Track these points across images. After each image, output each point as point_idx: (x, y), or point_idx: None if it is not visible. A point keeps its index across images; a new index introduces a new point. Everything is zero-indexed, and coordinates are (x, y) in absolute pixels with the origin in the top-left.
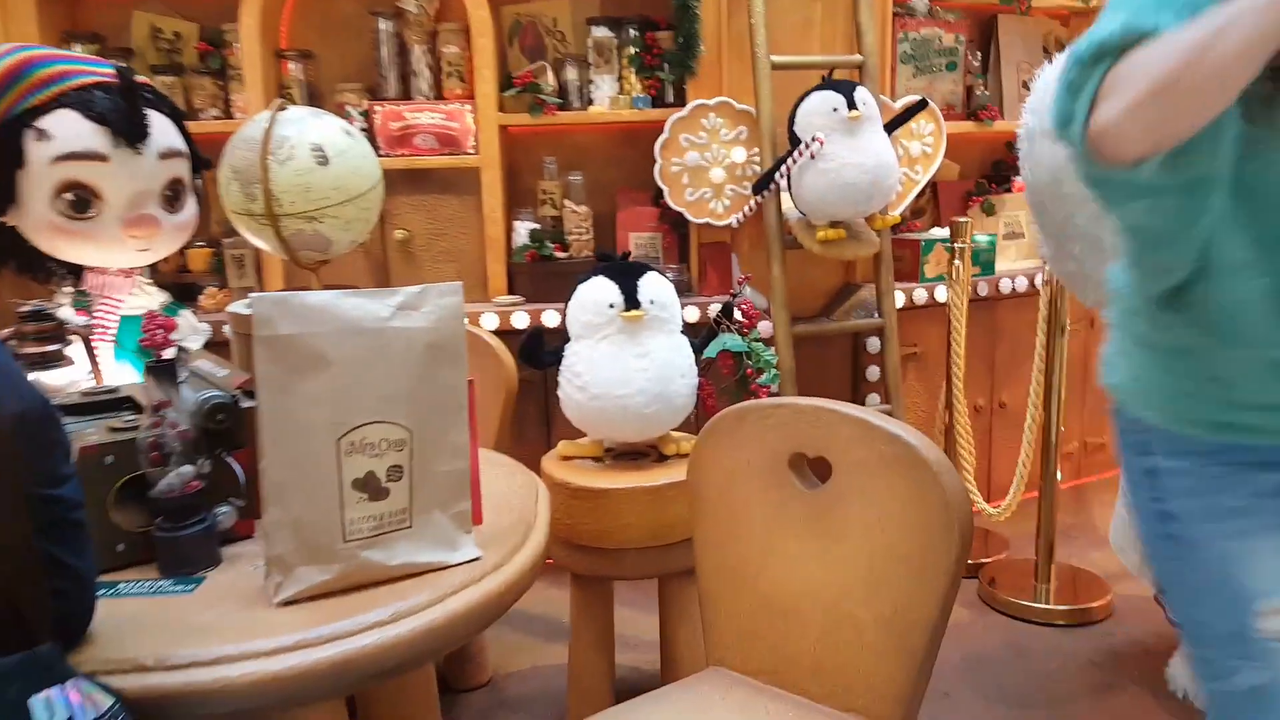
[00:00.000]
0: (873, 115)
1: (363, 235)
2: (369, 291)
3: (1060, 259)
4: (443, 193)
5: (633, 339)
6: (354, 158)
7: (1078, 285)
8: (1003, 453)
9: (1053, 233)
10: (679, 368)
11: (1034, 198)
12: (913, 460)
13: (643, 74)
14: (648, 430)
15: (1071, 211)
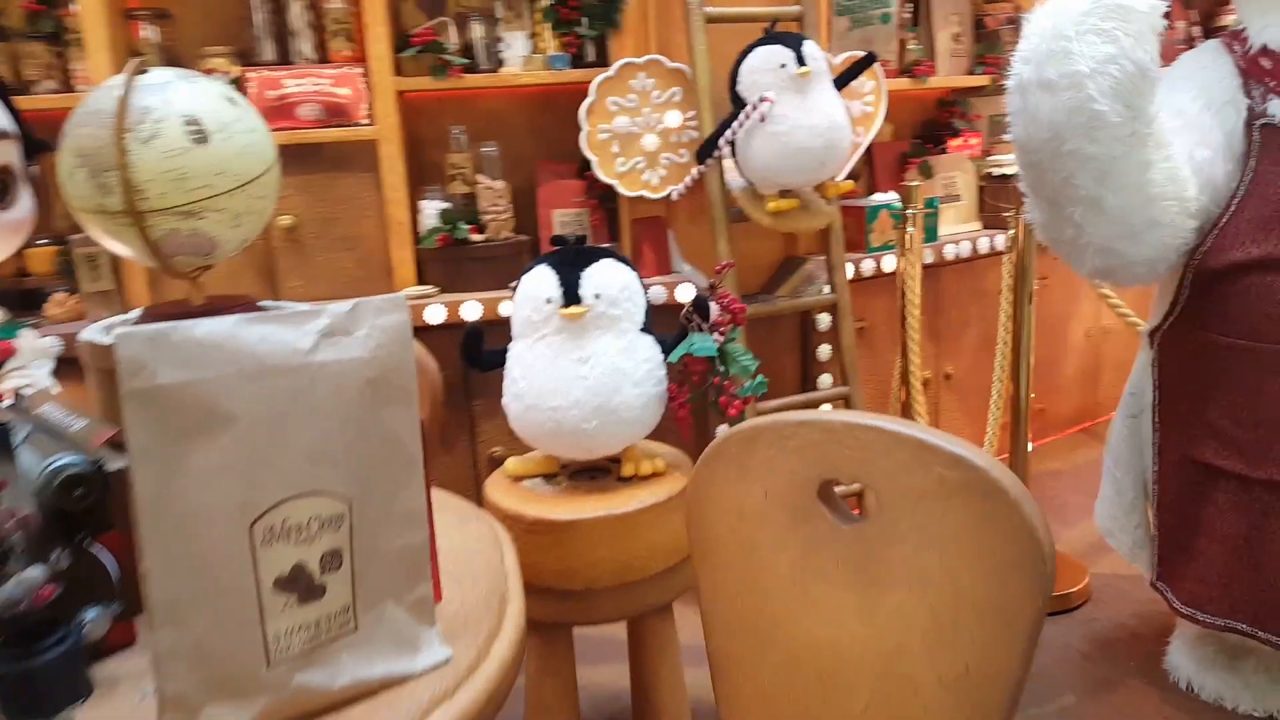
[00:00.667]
0: (822, 71)
1: (256, 231)
2: (282, 313)
3: (1055, 225)
4: (334, 170)
5: (575, 340)
6: (242, 132)
7: (1075, 253)
8: (951, 426)
9: (1048, 196)
10: (629, 375)
11: (1028, 157)
12: (984, 487)
13: (559, 29)
14: (591, 448)
15: (1073, 171)
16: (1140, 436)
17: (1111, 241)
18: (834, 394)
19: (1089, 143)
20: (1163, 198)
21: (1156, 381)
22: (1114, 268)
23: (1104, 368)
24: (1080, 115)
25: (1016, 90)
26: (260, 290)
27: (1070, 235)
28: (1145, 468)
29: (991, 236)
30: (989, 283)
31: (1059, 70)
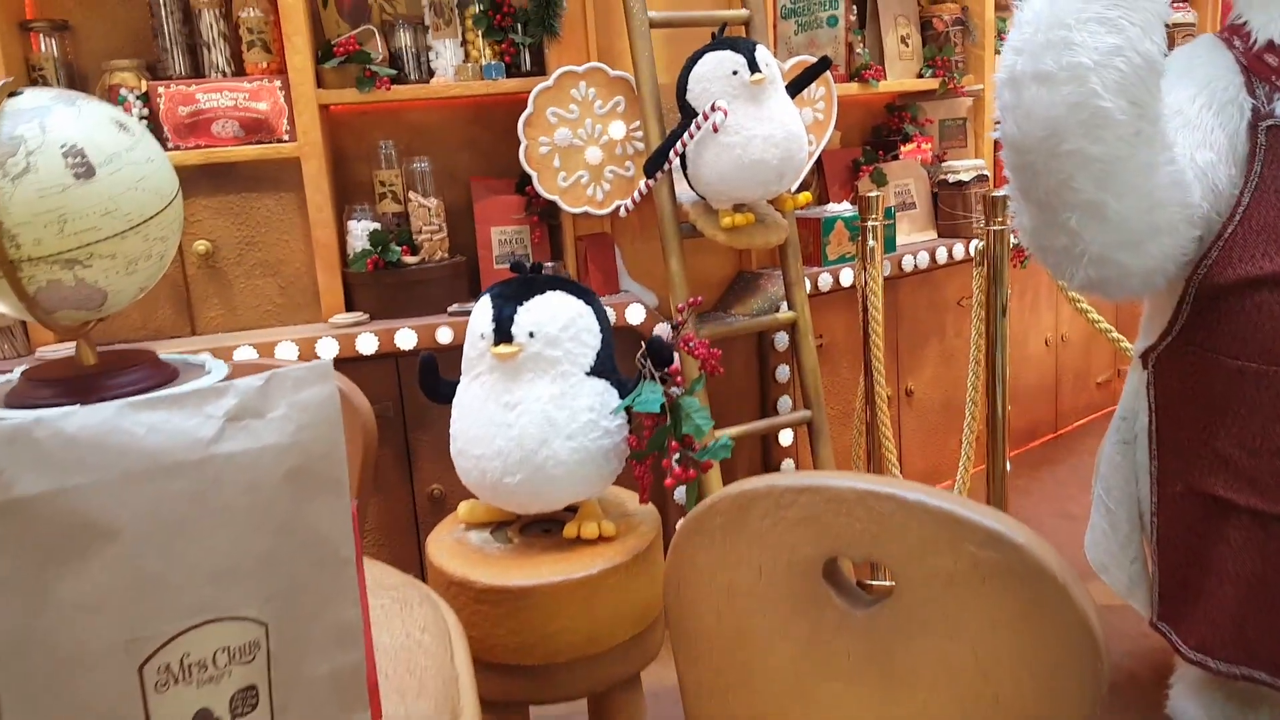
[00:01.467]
0: (775, 78)
1: (156, 276)
2: (177, 395)
3: (1047, 232)
4: (253, 190)
5: (505, 383)
6: (135, 163)
7: (1067, 263)
8: (915, 446)
9: (1040, 200)
10: (561, 427)
11: (1019, 158)
12: (1026, 570)
13: (492, 37)
14: (523, 505)
15: (1071, 173)
16: (1134, 464)
17: (1110, 250)
18: (796, 419)
19: (1091, 142)
20: (1167, 203)
21: (1153, 406)
22: (1108, 279)
23: (1064, 378)
24: (1082, 112)
25: (1008, 84)
26: (175, 322)
27: (1063, 243)
28: (1141, 498)
29: (949, 246)
30: (948, 293)
31: (1058, 61)
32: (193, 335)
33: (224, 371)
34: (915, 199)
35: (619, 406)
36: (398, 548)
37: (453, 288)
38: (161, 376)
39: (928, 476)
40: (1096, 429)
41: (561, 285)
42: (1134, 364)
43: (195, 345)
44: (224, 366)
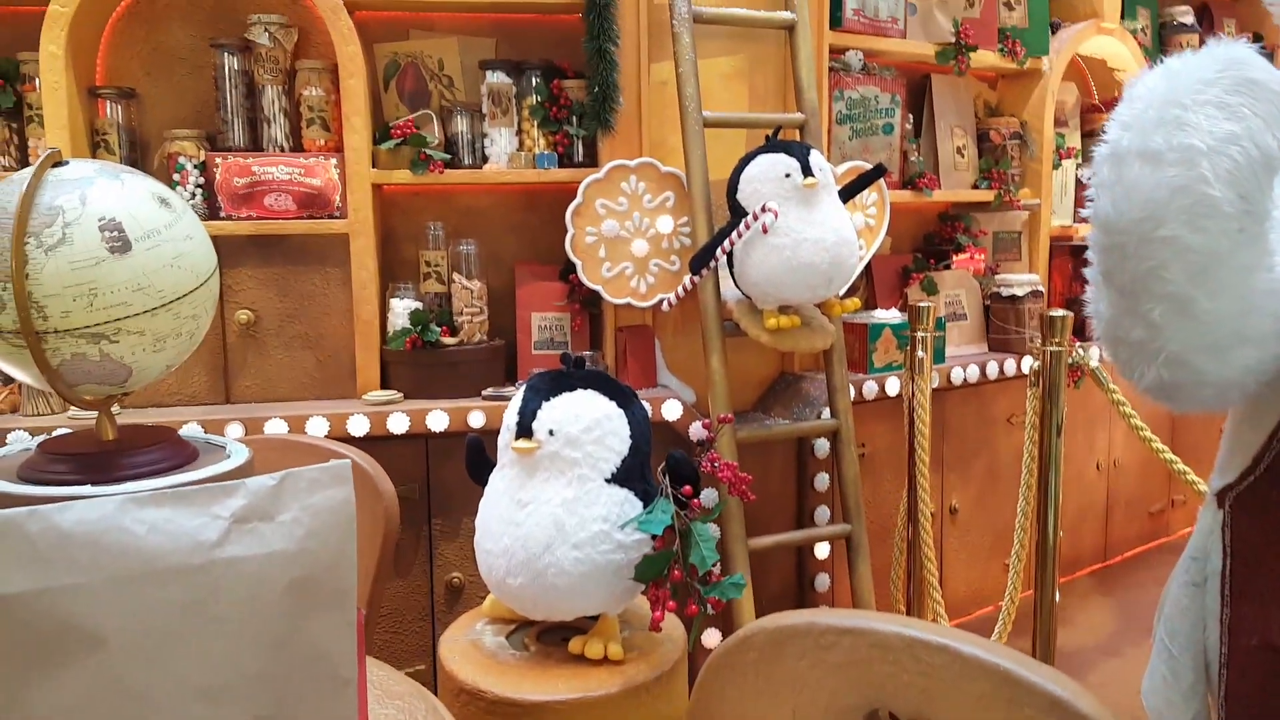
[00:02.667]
0: (828, 183)
1: (185, 354)
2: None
3: (1124, 322)
4: (300, 264)
5: (522, 479)
6: (173, 240)
7: (1139, 359)
8: (957, 567)
9: (1122, 286)
10: (569, 534)
11: (1109, 238)
12: None
13: (547, 128)
14: (526, 608)
15: (1165, 261)
16: (1203, 609)
17: (1190, 353)
18: (834, 532)
19: (1191, 231)
20: (1261, 311)
21: (1228, 549)
22: (1181, 384)
23: (1115, 505)
24: (1186, 197)
25: (1110, 159)
26: (209, 389)
27: (1139, 337)
28: (1209, 647)
29: (1000, 360)
30: (997, 409)
31: (1168, 141)
32: (226, 403)
33: (244, 456)
34: (966, 310)
35: (628, 522)
36: (411, 636)
37: (489, 371)
38: (180, 457)
39: (970, 600)
40: (1148, 561)
41: (596, 384)
42: (1208, 502)
43: (228, 414)
44: (245, 451)
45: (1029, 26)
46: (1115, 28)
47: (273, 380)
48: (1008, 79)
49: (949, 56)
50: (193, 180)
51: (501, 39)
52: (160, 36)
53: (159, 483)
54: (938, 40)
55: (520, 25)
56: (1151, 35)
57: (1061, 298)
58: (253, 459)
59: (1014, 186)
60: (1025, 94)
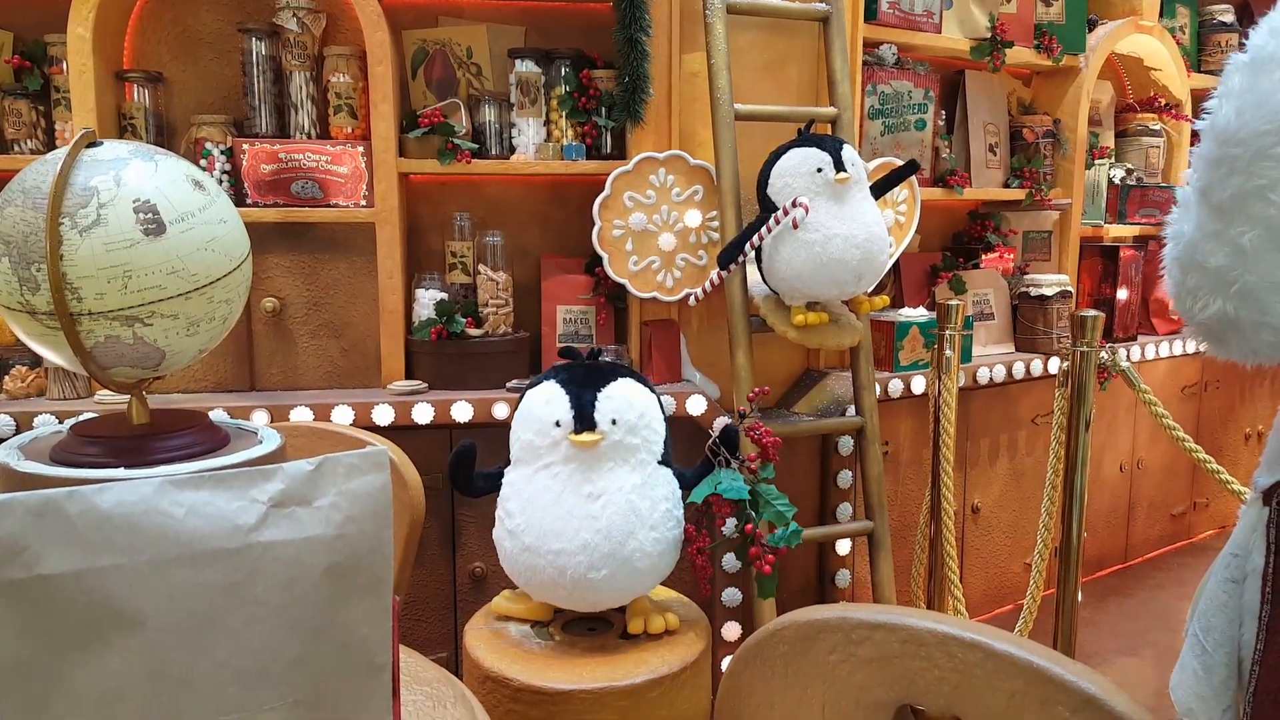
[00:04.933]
0: (861, 179)
1: (218, 338)
2: (223, 475)
3: (1209, 245)
4: (326, 252)
5: (584, 472)
6: (207, 223)
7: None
8: (977, 565)
9: (1219, 203)
10: (645, 517)
11: (1221, 149)
12: None
13: (575, 118)
14: (597, 601)
15: (1272, 182)
16: (1241, 606)
17: (1265, 290)
18: (856, 529)
19: None
20: None
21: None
22: (1243, 324)
23: (1138, 506)
24: None
25: (1248, 66)
26: (236, 376)
27: (1219, 264)
28: (1244, 644)
29: (1027, 361)
30: (1022, 410)
31: None
32: (252, 390)
33: (276, 442)
34: (994, 309)
35: (701, 490)
36: (434, 624)
37: (514, 363)
38: (213, 442)
39: (989, 599)
40: (1168, 563)
41: (625, 373)
42: (1252, 499)
43: (253, 401)
44: (277, 436)
45: (1066, 23)
46: (1154, 26)
47: (298, 368)
48: (1042, 76)
49: (984, 52)
50: (219, 166)
51: (531, 27)
52: (188, 21)
53: (192, 466)
54: (973, 35)
55: (550, 14)
56: (1190, 34)
57: (1090, 299)
58: (284, 445)
59: (1045, 186)
60: (1060, 92)
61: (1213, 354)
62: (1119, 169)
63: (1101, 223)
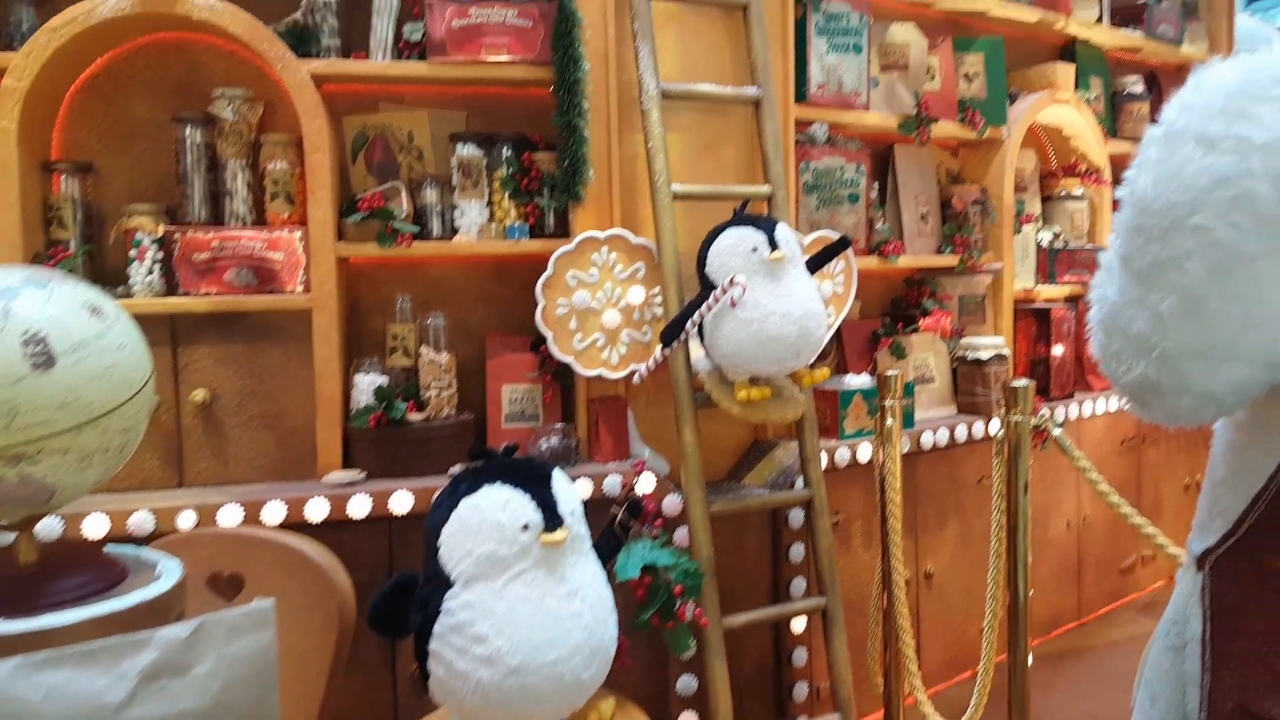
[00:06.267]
0: (795, 256)
1: (114, 469)
2: (90, 650)
3: (1130, 310)
4: (260, 341)
5: (554, 572)
6: (104, 350)
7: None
8: (934, 633)
9: (1139, 270)
10: (608, 602)
11: (1141, 218)
12: None
13: (518, 199)
14: (578, 701)
15: (1190, 251)
16: (1183, 673)
17: (1183, 356)
18: (809, 606)
19: (1225, 225)
20: (1260, 329)
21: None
22: (1162, 389)
23: (1087, 563)
24: (1229, 189)
25: (1162, 139)
26: (162, 473)
27: (1140, 329)
28: (1189, 712)
29: (969, 423)
30: (967, 471)
31: (1227, 129)
32: (180, 487)
33: (175, 577)
34: (934, 373)
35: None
36: None
37: (458, 447)
38: (107, 580)
39: (948, 667)
40: (1121, 618)
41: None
42: (1187, 565)
43: (180, 500)
44: (176, 570)
45: (987, 97)
46: (1070, 97)
47: (229, 462)
48: (968, 147)
49: (911, 128)
50: (150, 255)
51: (472, 112)
52: (120, 110)
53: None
54: (900, 112)
55: (491, 99)
56: (1105, 103)
57: (1026, 359)
58: (184, 580)
59: (977, 251)
60: (986, 162)
61: (1137, 415)
62: (1046, 232)
63: (1033, 285)
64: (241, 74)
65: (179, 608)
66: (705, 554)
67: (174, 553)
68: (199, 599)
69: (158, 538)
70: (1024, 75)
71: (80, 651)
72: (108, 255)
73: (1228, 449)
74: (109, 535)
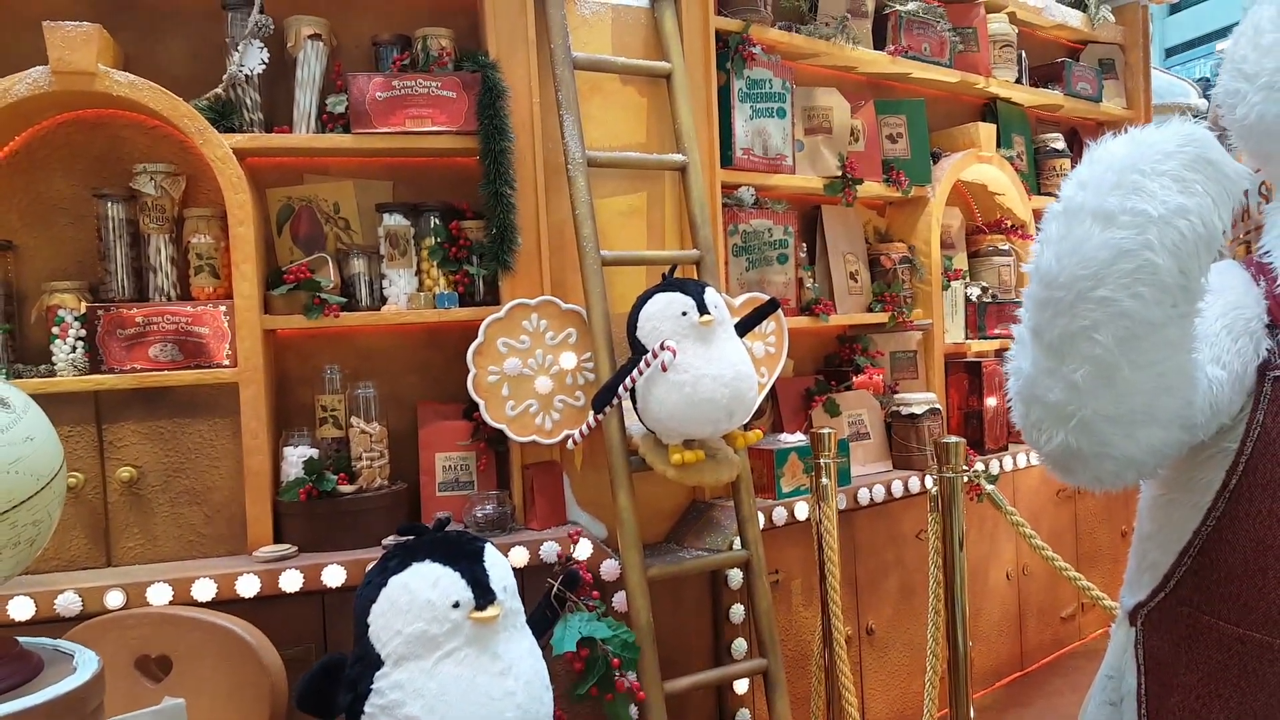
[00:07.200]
0: (724, 319)
1: (25, 562)
2: None
3: (1045, 381)
4: (187, 415)
5: (486, 650)
6: (11, 443)
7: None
8: (877, 688)
9: (1050, 343)
10: (543, 679)
11: (1046, 292)
12: None
13: (447, 267)
14: None
15: (1097, 323)
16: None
17: (1101, 422)
18: (750, 668)
19: (1129, 296)
20: (1174, 392)
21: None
22: (1086, 454)
23: (1028, 612)
24: (1130, 261)
25: (1061, 215)
26: (89, 553)
27: (1056, 399)
28: None
29: (905, 478)
30: (905, 526)
31: (1122, 204)
32: (108, 566)
33: (93, 669)
34: (869, 429)
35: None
36: None
37: (391, 518)
38: (21, 674)
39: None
40: (1063, 667)
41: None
42: (1120, 619)
43: (108, 580)
44: (94, 662)
45: (911, 157)
46: (993, 155)
47: (158, 539)
48: (895, 206)
49: (837, 189)
50: (73, 333)
51: (399, 181)
52: (40, 187)
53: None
54: (825, 174)
55: (417, 168)
56: (1028, 160)
57: (959, 412)
58: (101, 672)
59: (907, 308)
60: (912, 220)
61: (1063, 481)
62: (975, 287)
63: (963, 339)
64: (163, 149)
65: (96, 700)
66: (644, 620)
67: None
68: (127, 681)
69: (86, 619)
70: (947, 135)
71: None
72: (29, 334)
73: (1153, 504)
74: (34, 617)
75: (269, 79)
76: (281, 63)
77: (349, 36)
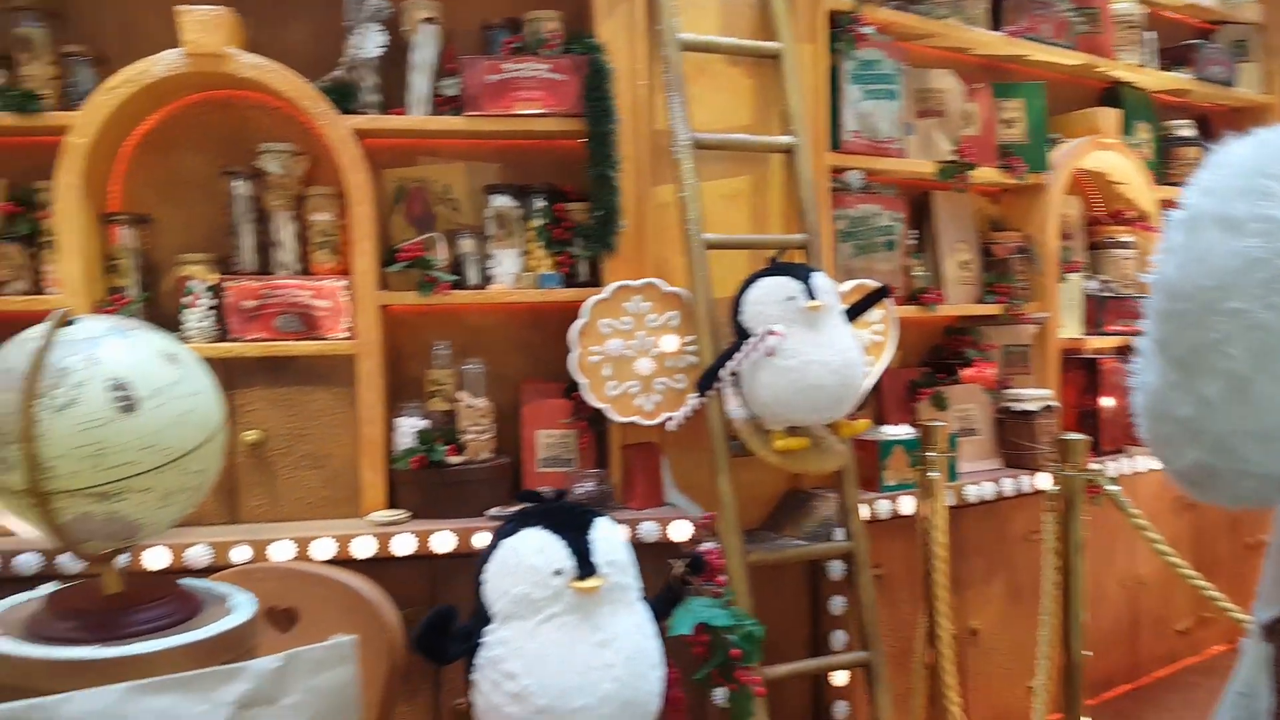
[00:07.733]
0: (833, 304)
1: (192, 507)
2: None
3: (1173, 396)
4: (307, 384)
5: (590, 620)
6: (181, 396)
7: (1181, 438)
8: (979, 690)
9: (1178, 357)
10: (650, 656)
11: (1171, 304)
12: None
13: (552, 248)
14: None
15: (1229, 335)
16: None
17: (1238, 439)
18: (851, 660)
19: (1263, 307)
20: None
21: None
22: (1218, 472)
23: (1143, 623)
24: (1264, 270)
25: (1185, 224)
26: (217, 509)
27: (1187, 414)
28: None
29: (1015, 476)
30: (1015, 526)
31: (1251, 210)
32: (233, 523)
33: (249, 611)
34: (977, 425)
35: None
36: None
37: (494, 490)
38: (185, 612)
39: None
40: (1179, 683)
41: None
42: (1254, 633)
43: (235, 535)
44: (250, 605)
45: (1028, 143)
46: (1115, 142)
47: (280, 500)
48: (1010, 193)
49: (949, 174)
50: (204, 303)
51: (506, 164)
52: (174, 165)
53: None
54: (937, 158)
55: (524, 151)
56: (1153, 148)
57: (1075, 411)
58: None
59: (1021, 300)
60: (1028, 208)
61: (1197, 499)
62: (1094, 280)
63: (1081, 334)
64: (286, 129)
65: (253, 638)
66: (745, 605)
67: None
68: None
69: (214, 571)
70: (1067, 120)
71: (182, 680)
72: (163, 302)
73: None
74: (169, 568)
75: (386, 62)
76: (396, 46)
77: (460, 20)
